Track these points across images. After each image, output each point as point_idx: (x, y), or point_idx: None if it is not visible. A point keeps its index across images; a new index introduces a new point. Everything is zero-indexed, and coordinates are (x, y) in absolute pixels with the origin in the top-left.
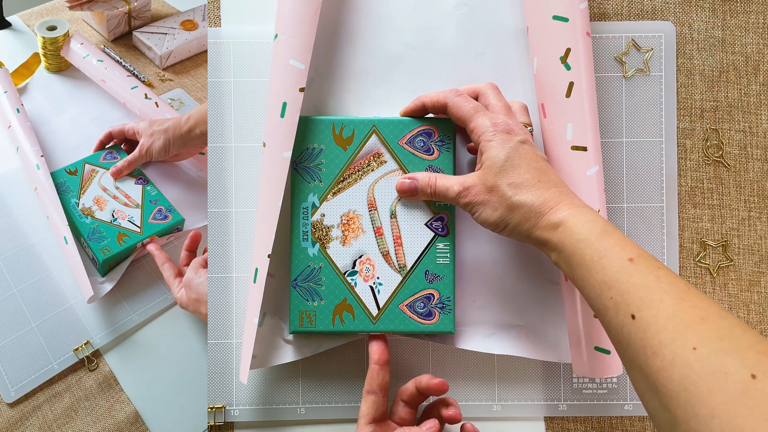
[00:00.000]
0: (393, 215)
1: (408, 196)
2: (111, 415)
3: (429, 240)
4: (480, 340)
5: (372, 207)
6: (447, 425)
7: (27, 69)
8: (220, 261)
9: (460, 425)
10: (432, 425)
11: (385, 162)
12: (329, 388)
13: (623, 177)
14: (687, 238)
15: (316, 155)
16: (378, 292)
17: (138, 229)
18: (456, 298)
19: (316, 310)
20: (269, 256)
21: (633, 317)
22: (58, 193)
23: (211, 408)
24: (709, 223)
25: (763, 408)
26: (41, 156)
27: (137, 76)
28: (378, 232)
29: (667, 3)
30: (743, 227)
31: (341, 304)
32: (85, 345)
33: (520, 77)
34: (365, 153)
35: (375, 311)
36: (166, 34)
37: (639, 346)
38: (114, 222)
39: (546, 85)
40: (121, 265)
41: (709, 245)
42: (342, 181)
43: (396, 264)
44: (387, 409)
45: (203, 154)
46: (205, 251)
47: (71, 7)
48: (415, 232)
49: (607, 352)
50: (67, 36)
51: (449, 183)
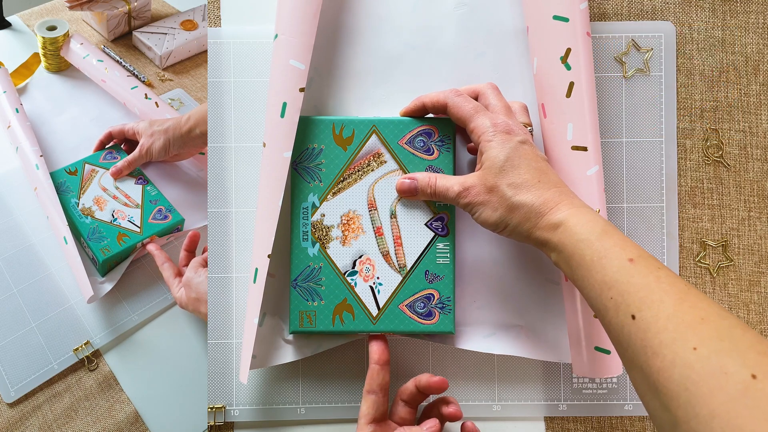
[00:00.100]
0: (393, 215)
1: (408, 196)
2: (111, 415)
3: (429, 240)
4: (480, 340)
5: (372, 207)
6: (447, 425)
7: (27, 69)
8: (220, 261)
9: (460, 424)
10: (432, 424)
11: (385, 162)
12: (329, 388)
13: (623, 177)
14: (687, 238)
15: (316, 155)
16: (378, 292)
17: (138, 229)
18: (456, 298)
19: (316, 310)
20: (269, 256)
21: (633, 317)
22: (58, 193)
23: (211, 408)
24: (709, 223)
25: (764, 408)
26: (41, 156)
27: (137, 76)
28: (378, 232)
29: (667, 3)
30: (743, 227)
31: (341, 304)
32: (85, 345)
33: (520, 77)
34: (365, 153)
35: (375, 311)
36: (166, 34)
37: (639, 346)
38: (114, 222)
39: (546, 85)
40: (121, 265)
41: (709, 245)
42: (342, 181)
43: (396, 264)
44: (387, 409)
45: (203, 154)
46: (205, 251)
47: (71, 7)
48: (415, 232)
49: (608, 352)
50: (67, 36)
51: (449, 183)
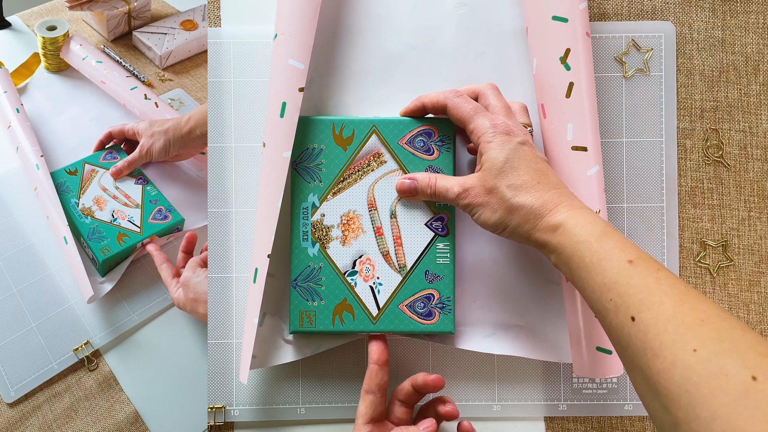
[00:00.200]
0: (393, 215)
1: (408, 196)
2: (111, 415)
3: (429, 240)
4: (480, 340)
5: (372, 207)
6: (444, 425)
7: (27, 69)
8: (220, 261)
9: (457, 424)
10: (429, 424)
11: (385, 162)
12: (329, 388)
13: (623, 177)
14: (687, 238)
15: (316, 155)
16: (378, 292)
17: (138, 229)
18: (456, 298)
19: (316, 310)
20: (269, 256)
21: (633, 319)
22: (58, 193)
23: (211, 408)
24: (709, 223)
25: (764, 409)
26: (41, 156)
27: (137, 76)
28: (378, 232)
29: (667, 3)
30: (743, 227)
31: (341, 304)
32: (85, 345)
33: (520, 77)
34: (365, 153)
35: (375, 311)
36: (166, 34)
37: (639, 348)
38: (114, 222)
39: (546, 86)
40: (121, 265)
41: (709, 245)
42: (342, 181)
43: (396, 264)
44: (385, 409)
45: (203, 154)
46: (203, 250)
47: (71, 7)
48: (415, 232)
49: (609, 352)
50: (67, 36)
51: (449, 184)
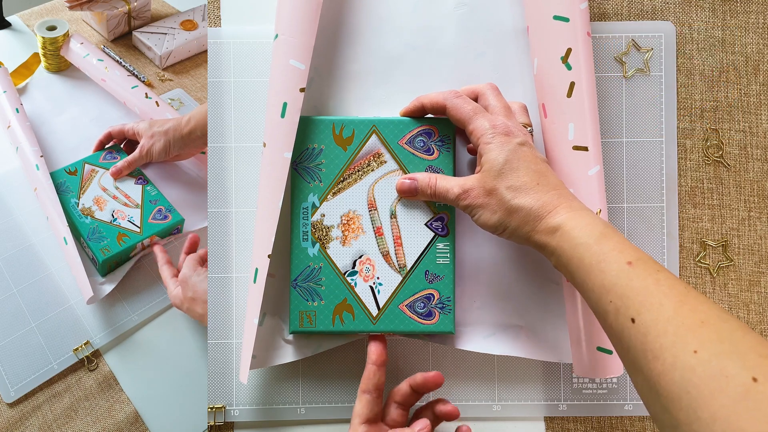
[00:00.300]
0: (393, 215)
1: (408, 196)
2: (111, 415)
3: (429, 240)
4: (480, 340)
5: (372, 207)
6: (442, 427)
7: (27, 69)
8: (220, 261)
9: (455, 426)
10: (423, 425)
11: (385, 162)
12: (329, 388)
13: (623, 177)
14: (687, 238)
15: (316, 155)
16: (378, 292)
17: (138, 229)
18: (456, 298)
19: (316, 310)
20: (269, 256)
21: (633, 321)
22: (57, 194)
23: (211, 408)
24: (709, 223)
25: (765, 411)
26: (41, 156)
27: (137, 76)
28: (378, 232)
29: (667, 3)
30: (743, 227)
31: (341, 304)
32: (85, 345)
33: (520, 77)
34: (365, 153)
35: (375, 311)
36: (165, 34)
37: (640, 349)
38: (114, 222)
39: (547, 85)
40: (123, 268)
41: (709, 245)
42: (342, 181)
43: (396, 264)
44: (381, 410)
45: (204, 153)
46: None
47: (71, 7)
48: (415, 232)
49: (609, 352)
50: (67, 36)
51: (449, 185)
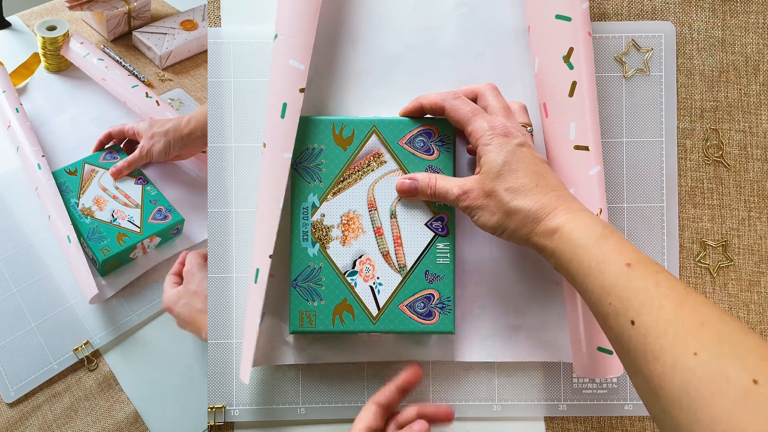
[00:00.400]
0: (393, 215)
1: (408, 196)
2: (111, 415)
3: (429, 240)
4: (480, 341)
5: (372, 207)
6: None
7: (27, 69)
8: (220, 261)
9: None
10: (421, 427)
11: (385, 162)
12: (329, 388)
13: (623, 177)
14: (687, 238)
15: (316, 155)
16: (378, 292)
17: (138, 229)
18: (456, 298)
19: (316, 310)
20: (271, 256)
21: (633, 323)
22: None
23: (211, 408)
24: (709, 223)
25: (765, 413)
26: (42, 156)
27: (137, 76)
28: (378, 232)
29: (667, 3)
30: (743, 227)
31: (341, 304)
32: (85, 345)
33: (520, 77)
34: (365, 153)
35: (375, 311)
36: (165, 34)
37: (640, 351)
38: (114, 222)
39: (548, 85)
40: (130, 275)
41: (709, 245)
42: (342, 181)
43: (396, 264)
44: (383, 425)
45: (204, 153)
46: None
47: (71, 7)
48: (415, 232)
49: (610, 352)
50: (67, 36)
51: (449, 185)
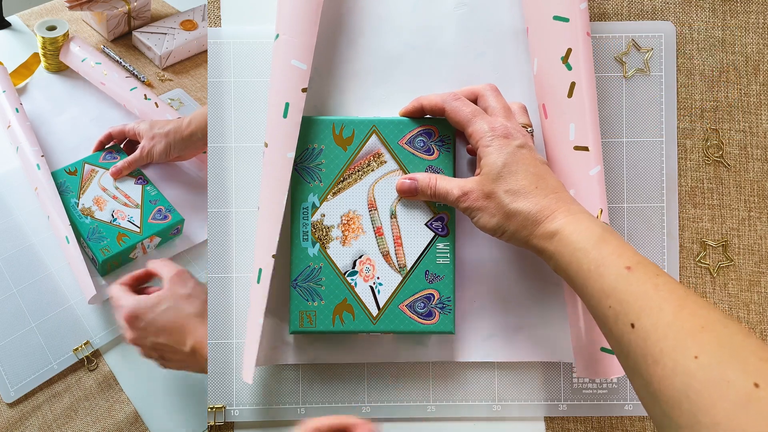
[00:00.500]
0: (393, 215)
1: (408, 196)
2: (111, 415)
3: (429, 240)
4: (480, 342)
5: (372, 207)
6: None
7: (27, 69)
8: (220, 261)
9: None
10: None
11: (385, 162)
12: (329, 388)
13: (623, 177)
14: (687, 238)
15: (316, 155)
16: (378, 292)
17: (138, 229)
18: (456, 298)
19: (316, 310)
20: (274, 256)
21: (632, 326)
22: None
23: (211, 408)
24: (709, 223)
25: (766, 416)
26: (41, 156)
27: (137, 76)
28: (378, 232)
29: (667, 3)
30: (743, 227)
31: (341, 304)
32: (85, 345)
33: (519, 77)
34: (365, 153)
35: (375, 311)
36: (165, 34)
37: (640, 354)
38: (114, 222)
39: (547, 86)
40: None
41: (709, 245)
42: (342, 181)
43: (396, 264)
44: None
45: (205, 153)
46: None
47: (71, 7)
48: (415, 232)
49: (612, 352)
50: (67, 36)
51: (449, 186)
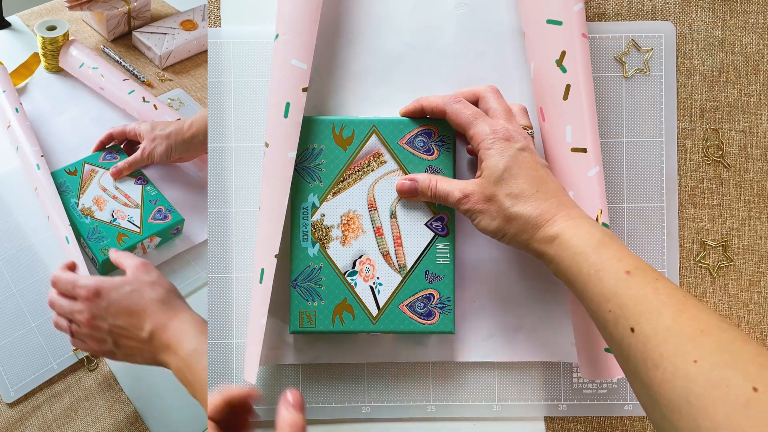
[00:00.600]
0: (393, 215)
1: (408, 197)
2: (111, 415)
3: (429, 240)
4: (480, 341)
5: (372, 207)
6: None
7: (26, 69)
8: (220, 261)
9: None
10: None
11: (385, 162)
12: (329, 388)
13: (623, 177)
14: (687, 238)
15: (316, 155)
16: (378, 292)
17: (138, 229)
18: (456, 298)
19: (316, 310)
20: (276, 256)
21: (632, 330)
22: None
23: None
24: (709, 223)
25: (766, 420)
26: (41, 156)
27: (137, 76)
28: (378, 232)
29: (667, 3)
30: (743, 227)
31: (341, 304)
32: None
33: (520, 77)
34: (365, 153)
35: (375, 311)
36: (165, 34)
37: (640, 359)
38: (114, 222)
39: (543, 89)
40: None
41: (709, 245)
42: (342, 181)
43: (396, 264)
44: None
45: (206, 154)
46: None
47: (71, 7)
48: (415, 232)
49: None
50: (67, 36)
51: (449, 188)
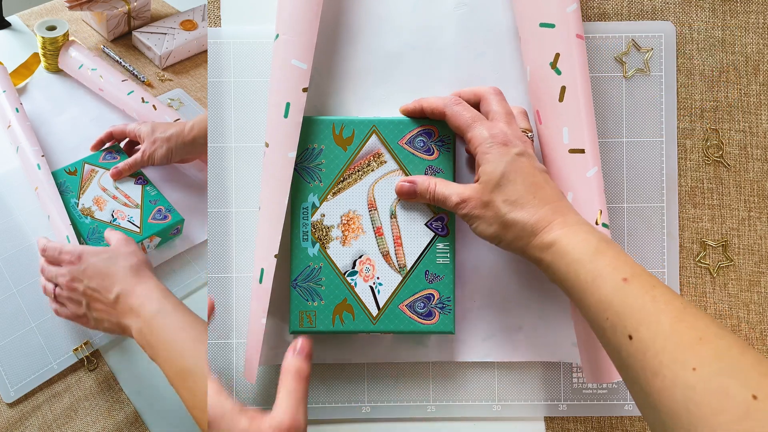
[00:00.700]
0: (393, 215)
1: (407, 198)
2: (111, 415)
3: (429, 240)
4: (479, 342)
5: (372, 207)
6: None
7: (26, 69)
8: (220, 261)
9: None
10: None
11: (385, 162)
12: (329, 388)
13: (623, 177)
14: (687, 238)
15: (316, 155)
16: (378, 292)
17: (138, 229)
18: (456, 298)
19: (316, 310)
20: (276, 256)
21: (630, 338)
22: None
23: None
24: (709, 223)
25: (766, 429)
26: (42, 156)
27: (137, 76)
28: (378, 232)
29: (667, 3)
30: (743, 227)
31: (341, 304)
32: (85, 345)
33: (520, 78)
34: (365, 153)
35: (375, 311)
36: (165, 34)
37: (638, 366)
38: (113, 222)
39: (539, 92)
40: None
41: (709, 245)
42: (342, 181)
43: (396, 264)
44: None
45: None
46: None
47: (71, 7)
48: (415, 232)
49: None
50: (67, 37)
51: (448, 192)
